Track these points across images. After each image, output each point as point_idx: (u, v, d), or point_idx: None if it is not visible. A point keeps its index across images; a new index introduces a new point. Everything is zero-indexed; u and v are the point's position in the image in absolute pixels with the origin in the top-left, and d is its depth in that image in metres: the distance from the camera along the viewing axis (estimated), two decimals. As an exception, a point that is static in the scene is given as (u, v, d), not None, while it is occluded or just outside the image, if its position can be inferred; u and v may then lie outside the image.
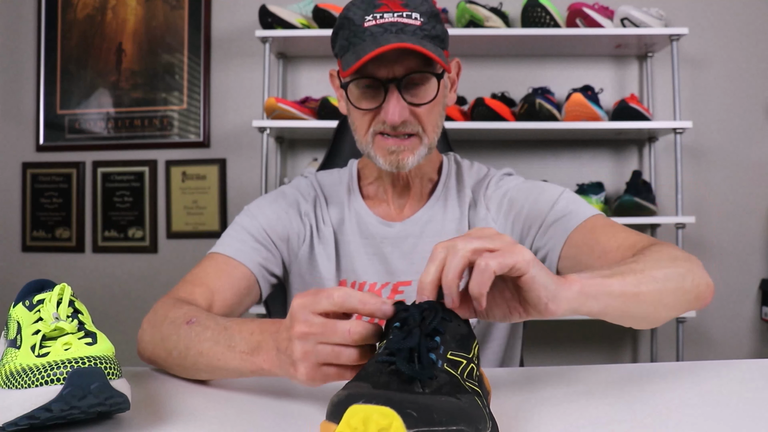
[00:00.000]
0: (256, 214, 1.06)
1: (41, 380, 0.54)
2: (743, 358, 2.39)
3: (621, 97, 2.33)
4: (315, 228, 1.07)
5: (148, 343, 0.86)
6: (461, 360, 0.55)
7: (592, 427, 0.59)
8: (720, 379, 0.76)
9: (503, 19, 2.27)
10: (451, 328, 0.56)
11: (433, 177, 1.09)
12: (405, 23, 0.90)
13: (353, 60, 0.89)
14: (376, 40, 0.88)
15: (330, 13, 2.20)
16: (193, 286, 0.95)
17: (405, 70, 0.90)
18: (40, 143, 2.54)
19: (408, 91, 0.93)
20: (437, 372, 0.52)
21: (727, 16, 2.44)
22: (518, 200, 1.03)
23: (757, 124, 2.44)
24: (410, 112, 0.93)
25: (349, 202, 1.08)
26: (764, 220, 2.44)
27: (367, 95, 0.94)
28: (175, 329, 0.80)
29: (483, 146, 2.45)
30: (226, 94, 2.51)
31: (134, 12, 2.54)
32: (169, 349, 0.80)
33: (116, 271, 2.52)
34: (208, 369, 0.75)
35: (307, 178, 1.14)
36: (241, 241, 1.02)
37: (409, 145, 0.95)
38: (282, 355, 0.65)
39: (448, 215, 1.05)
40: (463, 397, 0.50)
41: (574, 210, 0.97)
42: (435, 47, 0.91)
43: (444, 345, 0.55)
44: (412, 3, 0.92)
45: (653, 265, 0.74)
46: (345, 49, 0.93)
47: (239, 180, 2.49)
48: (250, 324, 0.73)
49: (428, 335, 0.55)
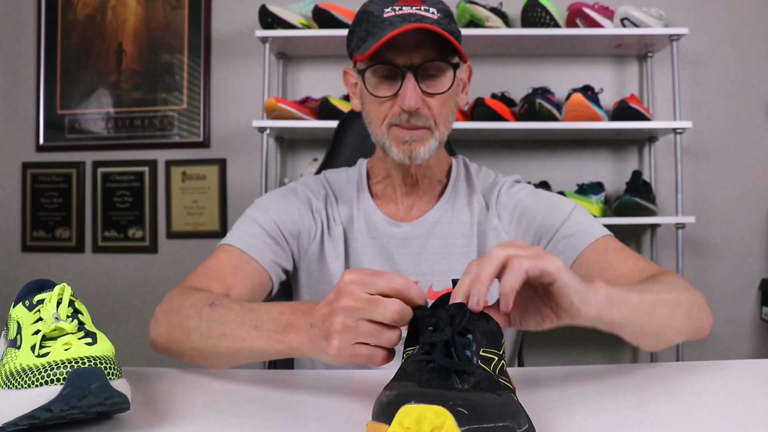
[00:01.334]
0: (268, 209, 1.05)
1: (41, 380, 0.54)
2: (743, 358, 2.39)
3: (621, 97, 2.33)
4: (326, 225, 1.07)
5: (163, 330, 0.85)
6: (493, 356, 0.56)
7: (593, 427, 0.59)
8: (720, 379, 0.76)
9: (503, 19, 2.27)
10: (481, 326, 0.58)
11: (442, 179, 1.10)
12: (423, 15, 0.92)
13: (373, 43, 0.90)
14: (395, 27, 0.90)
15: (330, 13, 2.20)
16: (209, 279, 0.94)
17: (422, 58, 0.93)
18: (40, 143, 2.54)
19: (423, 81, 0.94)
20: (473, 368, 0.52)
21: (727, 16, 2.44)
22: (529, 211, 1.03)
23: (757, 124, 2.44)
24: (424, 103, 0.95)
25: (358, 201, 1.08)
26: (764, 220, 2.44)
27: (383, 83, 0.96)
28: (197, 312, 0.80)
29: (483, 146, 2.45)
30: (226, 94, 2.51)
31: (134, 12, 2.54)
32: (188, 331, 0.80)
33: (116, 271, 2.52)
34: (230, 351, 0.76)
35: (315, 176, 1.15)
36: (253, 235, 1.01)
37: (420, 135, 0.96)
38: (316, 329, 0.65)
39: (456, 218, 1.05)
40: (502, 393, 0.50)
41: (585, 228, 0.98)
42: None
43: (476, 342, 0.55)
44: (429, 0, 0.95)
45: (666, 290, 0.78)
46: (363, 39, 0.95)
47: (239, 180, 2.49)
48: (278, 306, 0.74)
49: (459, 333, 0.56)
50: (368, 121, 1.01)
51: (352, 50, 1.00)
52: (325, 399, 0.71)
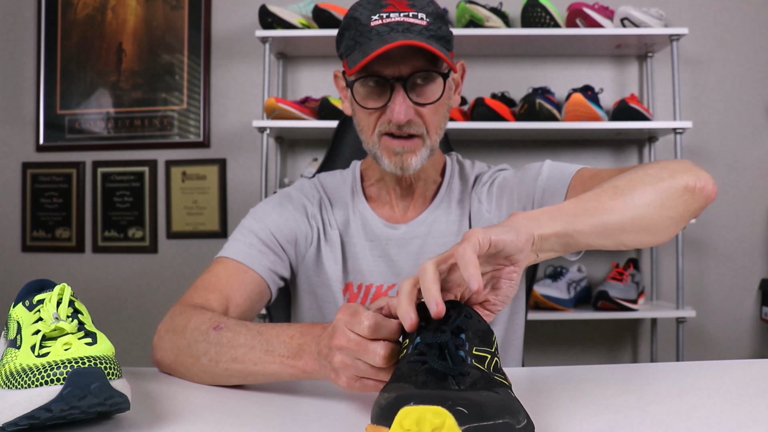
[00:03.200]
0: (263, 217, 1.05)
1: (41, 380, 0.54)
2: (743, 358, 2.39)
3: (621, 97, 2.33)
4: (322, 231, 1.06)
5: (168, 351, 0.83)
6: (486, 355, 0.56)
7: (593, 427, 0.59)
8: (720, 379, 0.76)
9: (503, 19, 2.27)
10: (473, 325, 0.58)
11: (437, 179, 1.09)
12: (411, 23, 0.90)
13: (360, 57, 0.89)
14: (382, 38, 0.88)
15: (330, 13, 2.20)
16: (207, 293, 0.93)
17: (411, 69, 0.91)
18: (40, 143, 2.54)
19: (413, 90, 0.93)
20: (468, 368, 0.53)
21: (727, 16, 2.44)
22: (507, 185, 1.04)
23: (757, 124, 2.44)
24: (415, 112, 0.93)
25: (353, 204, 1.08)
26: (764, 220, 2.44)
27: (372, 94, 0.94)
28: (203, 335, 0.79)
29: (483, 146, 2.45)
30: (226, 94, 2.51)
31: (134, 12, 2.54)
32: (197, 355, 0.78)
33: (116, 271, 2.52)
34: (242, 375, 0.75)
35: (309, 180, 1.14)
36: (250, 245, 1.00)
37: (411, 146, 0.95)
38: (323, 360, 0.65)
39: (451, 216, 1.06)
40: (500, 391, 0.51)
41: (559, 172, 0.98)
42: (441, 47, 0.91)
43: (468, 341, 0.56)
44: (418, 3, 0.92)
45: (633, 172, 0.75)
46: (351, 48, 0.93)
47: (239, 180, 2.49)
48: (287, 329, 0.73)
49: (453, 333, 0.56)
50: (359, 129, 1.00)
51: (341, 54, 0.98)
52: (325, 400, 0.71)
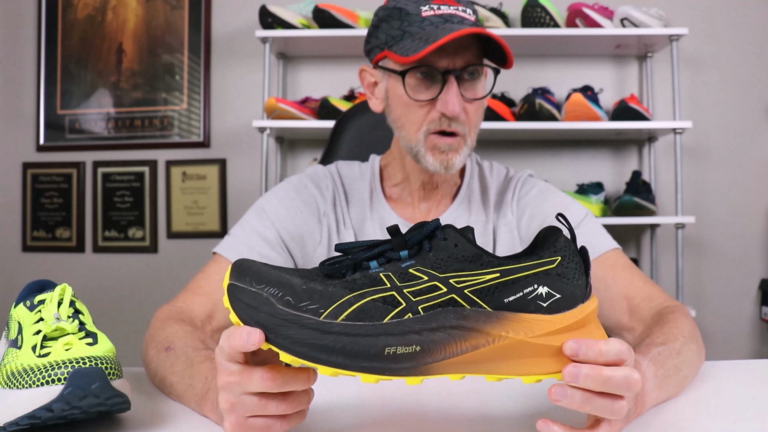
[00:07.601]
0: (268, 212, 1.00)
1: (42, 380, 0.54)
2: (743, 358, 2.39)
3: (621, 97, 2.33)
4: (335, 230, 1.01)
5: (144, 358, 0.82)
6: (422, 276, 0.51)
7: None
8: (720, 379, 0.76)
9: (503, 19, 2.27)
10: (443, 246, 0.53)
11: (457, 180, 1.06)
12: (463, 17, 0.89)
13: (421, 46, 0.86)
14: (439, 28, 0.87)
15: (330, 13, 2.20)
16: (194, 295, 0.91)
17: (464, 62, 0.89)
18: (40, 143, 2.55)
19: (462, 84, 0.91)
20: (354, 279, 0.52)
21: (727, 16, 2.44)
22: (540, 212, 1.01)
23: (757, 124, 2.45)
24: (463, 108, 0.91)
25: (371, 203, 1.03)
26: (764, 220, 2.44)
27: (421, 86, 0.91)
28: (156, 355, 0.77)
29: (483, 146, 2.44)
30: (226, 94, 2.51)
31: (134, 12, 2.54)
32: (152, 374, 0.78)
33: (116, 271, 2.52)
34: (181, 402, 0.70)
35: (326, 168, 1.08)
36: (249, 245, 0.96)
37: (456, 144, 0.93)
38: (216, 407, 0.59)
39: (472, 217, 1.03)
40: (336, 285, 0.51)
41: (596, 239, 0.96)
42: None
43: (414, 259, 0.53)
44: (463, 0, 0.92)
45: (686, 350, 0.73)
46: (398, 38, 0.90)
47: (239, 180, 2.49)
48: (207, 367, 0.67)
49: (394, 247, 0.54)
50: (399, 125, 0.96)
51: (375, 47, 0.94)
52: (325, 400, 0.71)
